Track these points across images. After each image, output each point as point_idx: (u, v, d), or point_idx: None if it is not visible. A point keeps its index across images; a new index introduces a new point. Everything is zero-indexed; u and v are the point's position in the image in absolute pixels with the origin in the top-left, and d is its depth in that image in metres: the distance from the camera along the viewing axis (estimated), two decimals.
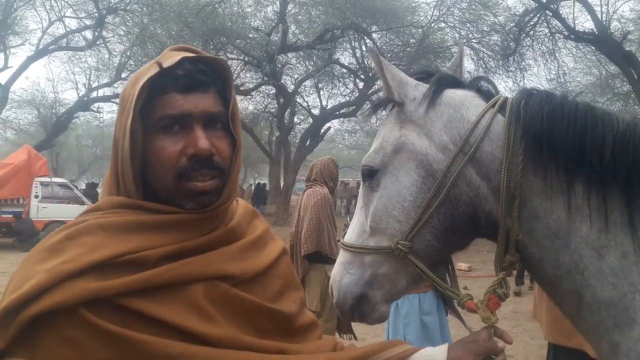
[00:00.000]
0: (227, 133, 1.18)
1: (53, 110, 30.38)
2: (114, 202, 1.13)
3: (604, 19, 16.55)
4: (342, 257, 1.54)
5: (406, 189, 1.42)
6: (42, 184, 16.35)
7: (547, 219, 1.30)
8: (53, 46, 23.00)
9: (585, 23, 23.39)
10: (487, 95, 1.48)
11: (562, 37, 18.52)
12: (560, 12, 17.18)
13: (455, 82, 1.52)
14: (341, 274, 1.51)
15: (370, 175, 1.51)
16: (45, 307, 0.93)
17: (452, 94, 1.46)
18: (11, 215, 15.33)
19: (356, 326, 4.69)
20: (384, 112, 1.62)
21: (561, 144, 1.28)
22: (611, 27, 16.83)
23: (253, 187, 32.52)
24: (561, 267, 1.30)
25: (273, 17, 20.48)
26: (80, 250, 1.01)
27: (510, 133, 1.34)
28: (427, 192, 1.40)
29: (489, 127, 1.37)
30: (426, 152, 1.41)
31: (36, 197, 16.08)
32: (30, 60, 21.79)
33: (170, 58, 1.12)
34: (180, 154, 1.11)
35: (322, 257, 4.83)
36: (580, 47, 19.59)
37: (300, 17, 20.99)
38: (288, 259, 1.38)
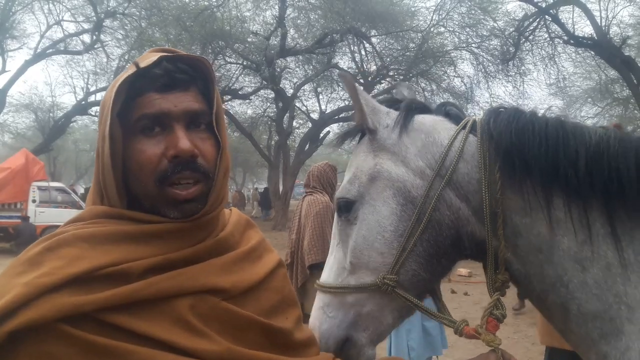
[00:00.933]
0: (212, 134, 1.12)
1: (51, 114, 30.46)
2: (97, 212, 1.08)
3: (603, 24, 16.61)
4: (320, 300, 1.47)
5: (386, 218, 1.39)
6: (39, 188, 16.33)
7: (529, 235, 1.30)
8: (51, 50, 22.96)
9: (584, 28, 23.48)
10: (456, 118, 1.48)
11: (561, 42, 18.57)
12: (560, 17, 17.24)
13: (424, 108, 1.52)
14: (321, 319, 1.43)
15: (347, 207, 1.46)
16: (22, 322, 0.87)
17: (422, 120, 1.47)
18: (18, 219, 15.36)
19: None
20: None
21: (534, 160, 1.28)
22: (610, 32, 16.89)
23: (259, 191, 32.75)
24: (546, 281, 1.30)
25: (272, 21, 20.52)
26: (59, 262, 0.94)
27: (484, 152, 1.34)
28: (407, 219, 1.37)
29: (463, 149, 1.37)
30: (403, 179, 1.40)
31: (34, 201, 16.05)
32: (28, 64, 21.74)
33: (149, 58, 1.07)
34: (160, 156, 1.04)
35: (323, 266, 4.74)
36: (580, 52, 19.63)
37: (299, 21, 21.02)
38: (284, 272, 1.30)
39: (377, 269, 1.38)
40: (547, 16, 17.35)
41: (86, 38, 22.75)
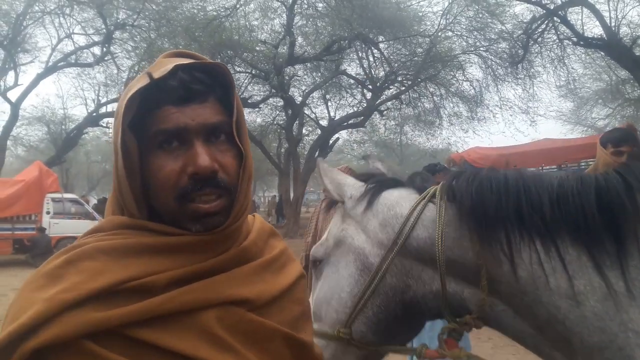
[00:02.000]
0: (232, 145, 1.06)
1: (63, 127, 30.66)
2: (117, 223, 1.04)
3: (612, 24, 16.45)
4: None
5: (344, 279, 1.52)
6: (53, 200, 16.49)
7: (509, 280, 1.32)
8: (62, 63, 23.22)
9: (594, 29, 23.30)
10: (423, 190, 1.54)
11: (570, 43, 18.42)
12: (569, 18, 17.12)
13: (395, 183, 1.62)
14: None
15: (315, 264, 1.66)
16: (45, 340, 0.85)
17: (388, 195, 1.56)
18: (33, 231, 15.51)
19: None
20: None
21: (499, 214, 1.32)
22: (620, 32, 16.72)
23: (277, 199, 32.86)
24: (539, 319, 1.30)
25: (280, 30, 20.62)
26: (80, 277, 0.92)
27: (440, 215, 1.40)
28: (363, 284, 1.48)
29: (420, 216, 1.45)
30: (363, 247, 1.51)
31: (48, 213, 16.20)
32: (39, 77, 22.01)
33: (163, 67, 1.01)
34: (180, 173, 1.00)
35: None
36: (590, 53, 19.48)
37: (307, 29, 21.06)
38: (305, 282, 1.28)
39: (332, 324, 1.52)
40: (555, 18, 17.24)
41: (96, 50, 23.00)
